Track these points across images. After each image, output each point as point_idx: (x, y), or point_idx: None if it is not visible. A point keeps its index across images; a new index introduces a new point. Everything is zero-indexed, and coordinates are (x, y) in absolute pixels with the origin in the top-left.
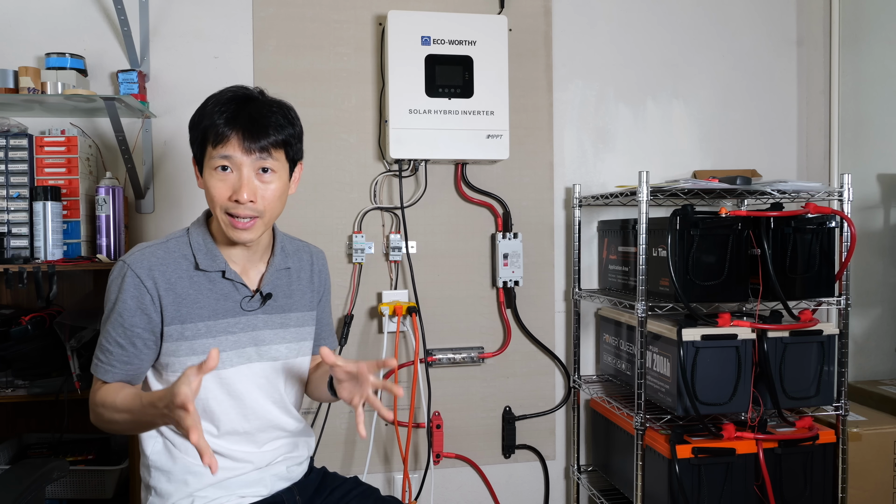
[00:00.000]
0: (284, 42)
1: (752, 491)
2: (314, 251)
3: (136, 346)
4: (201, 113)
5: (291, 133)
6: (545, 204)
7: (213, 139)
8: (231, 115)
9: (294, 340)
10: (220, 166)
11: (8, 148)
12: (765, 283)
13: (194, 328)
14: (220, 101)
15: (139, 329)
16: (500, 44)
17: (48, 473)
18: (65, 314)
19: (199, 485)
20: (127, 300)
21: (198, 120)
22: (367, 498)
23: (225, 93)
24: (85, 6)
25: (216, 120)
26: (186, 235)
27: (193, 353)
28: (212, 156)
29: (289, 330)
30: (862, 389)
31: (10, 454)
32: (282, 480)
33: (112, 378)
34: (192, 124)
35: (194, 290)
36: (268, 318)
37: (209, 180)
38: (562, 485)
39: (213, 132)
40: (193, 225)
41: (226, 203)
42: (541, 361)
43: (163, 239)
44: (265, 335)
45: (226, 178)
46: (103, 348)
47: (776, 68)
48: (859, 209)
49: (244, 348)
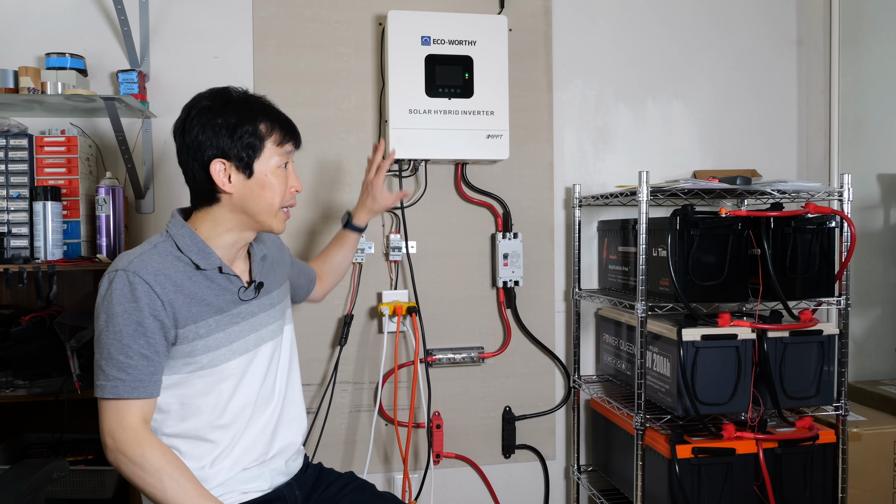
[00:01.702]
0: (284, 42)
1: (752, 491)
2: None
3: (159, 354)
4: (237, 113)
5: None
6: (545, 204)
7: (279, 138)
8: (276, 114)
9: (279, 316)
10: (284, 163)
11: (8, 148)
12: (765, 283)
13: (206, 325)
14: (249, 101)
15: (158, 335)
16: (500, 44)
17: (48, 473)
18: (65, 314)
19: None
20: (143, 308)
21: (238, 121)
22: (364, 492)
23: (239, 93)
24: (85, 6)
25: (271, 119)
26: (169, 238)
27: (208, 350)
28: (276, 153)
29: (276, 308)
30: (862, 389)
31: (10, 454)
32: (281, 475)
33: (144, 393)
34: (230, 126)
35: (198, 288)
36: (259, 301)
37: (274, 178)
38: (562, 485)
39: (274, 131)
40: (173, 227)
41: (288, 196)
42: (541, 361)
43: (148, 245)
44: (262, 318)
45: (286, 174)
46: (122, 366)
47: (776, 68)
48: (859, 209)
49: (249, 335)
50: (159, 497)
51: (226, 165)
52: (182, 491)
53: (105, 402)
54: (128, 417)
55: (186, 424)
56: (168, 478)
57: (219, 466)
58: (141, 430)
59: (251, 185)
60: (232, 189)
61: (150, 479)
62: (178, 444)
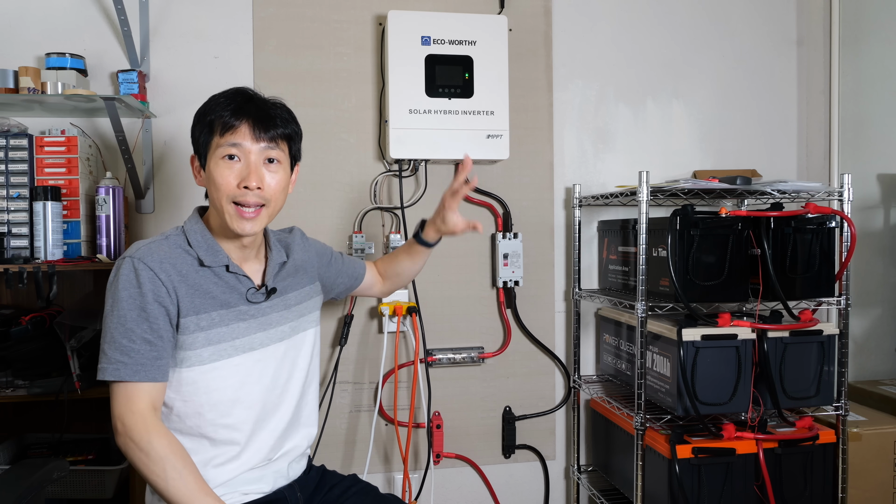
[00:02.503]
0: (284, 42)
1: (752, 491)
2: (293, 232)
3: (164, 339)
4: (206, 107)
5: (295, 130)
6: (545, 204)
7: (220, 129)
8: (238, 107)
9: (295, 318)
10: (228, 155)
11: (8, 148)
12: (765, 283)
13: (209, 318)
14: (226, 96)
15: (162, 321)
16: (500, 44)
17: (48, 473)
18: (65, 314)
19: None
20: (147, 293)
21: (203, 113)
22: (367, 495)
23: (228, 91)
24: (85, 6)
25: (224, 111)
26: (183, 233)
27: (209, 343)
28: (219, 144)
29: (291, 310)
30: (862, 389)
31: (10, 454)
32: (282, 478)
33: (146, 377)
34: (198, 118)
35: (204, 281)
36: (271, 302)
37: (215, 169)
38: (562, 485)
39: (220, 122)
40: (188, 222)
41: (233, 191)
42: (541, 361)
43: (160, 236)
44: (273, 318)
45: (233, 167)
46: (125, 349)
47: (776, 68)
48: (859, 209)
49: (255, 334)
50: (161, 486)
51: (195, 159)
52: (183, 483)
53: (114, 385)
54: (136, 402)
55: (190, 422)
56: (171, 468)
57: (224, 468)
58: (149, 416)
59: (207, 180)
60: (201, 182)
61: (153, 467)
62: (183, 441)
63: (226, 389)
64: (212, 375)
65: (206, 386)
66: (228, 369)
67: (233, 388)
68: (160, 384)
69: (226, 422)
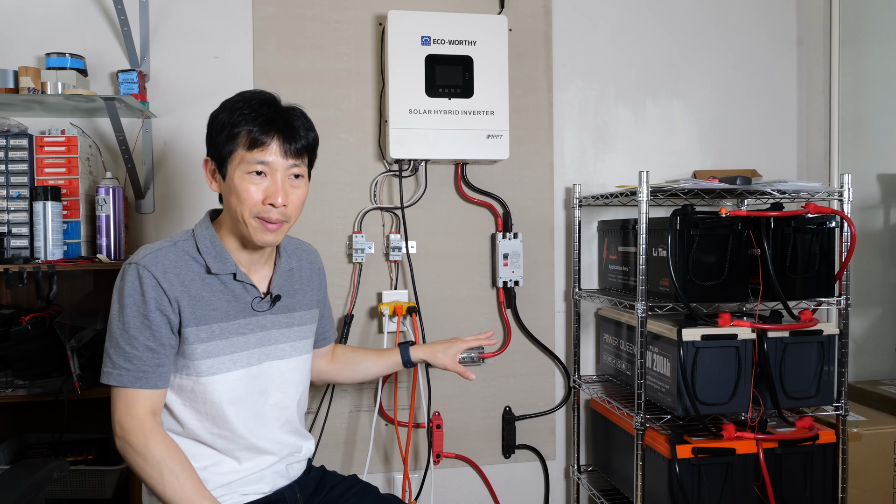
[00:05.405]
0: (284, 42)
1: (752, 491)
2: (309, 249)
3: (166, 347)
4: (230, 115)
5: (315, 137)
6: (545, 204)
7: (248, 143)
8: (267, 120)
9: (297, 339)
10: (256, 171)
11: (8, 148)
12: (765, 283)
13: (209, 330)
14: (251, 106)
15: (164, 328)
16: (500, 44)
17: (48, 473)
18: (65, 314)
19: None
20: (150, 301)
21: (227, 122)
22: (367, 495)
23: (251, 98)
24: (85, 6)
25: (251, 124)
26: (192, 238)
27: (208, 356)
28: (246, 159)
29: (293, 329)
30: (862, 389)
31: (10, 454)
32: (282, 478)
33: (147, 385)
34: (221, 125)
35: (207, 291)
36: (275, 317)
37: (241, 184)
38: (562, 485)
39: (248, 136)
40: (199, 227)
41: (258, 207)
42: (541, 361)
43: (169, 241)
44: (273, 335)
45: (260, 183)
46: (128, 356)
47: (776, 68)
48: (859, 209)
49: (254, 349)
50: (158, 489)
51: (210, 163)
52: (180, 486)
53: (115, 390)
54: (136, 407)
55: (189, 427)
56: (168, 471)
57: (223, 472)
58: (148, 420)
59: (226, 188)
60: (217, 189)
61: (150, 471)
62: (182, 442)
63: (221, 403)
64: (209, 388)
65: (203, 396)
66: (225, 383)
67: (229, 401)
68: (160, 391)
69: (222, 432)
